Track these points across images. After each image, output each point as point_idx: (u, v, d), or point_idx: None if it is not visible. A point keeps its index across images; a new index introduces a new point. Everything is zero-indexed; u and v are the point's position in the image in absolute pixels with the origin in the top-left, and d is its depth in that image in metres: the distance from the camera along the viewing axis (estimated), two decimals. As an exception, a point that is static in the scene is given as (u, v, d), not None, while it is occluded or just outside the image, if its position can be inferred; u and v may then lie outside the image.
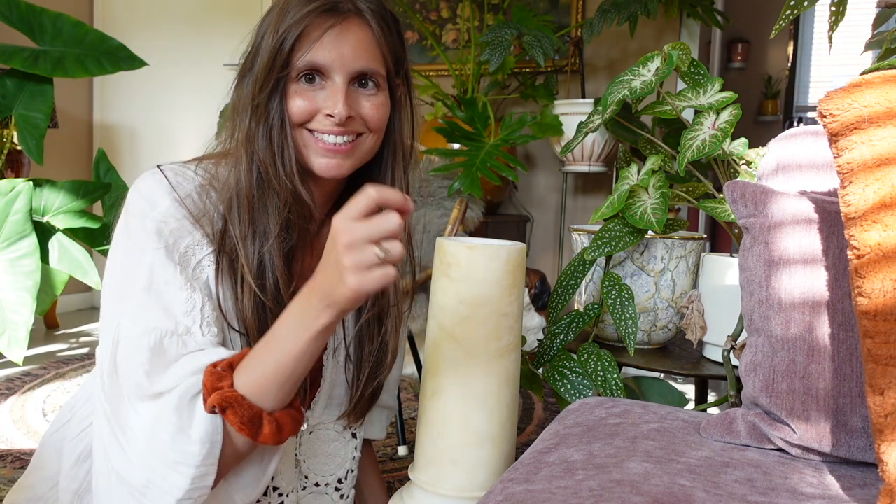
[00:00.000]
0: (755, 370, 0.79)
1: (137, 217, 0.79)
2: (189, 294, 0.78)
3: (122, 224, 0.81)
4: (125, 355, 0.75)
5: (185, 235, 0.80)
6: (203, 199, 0.82)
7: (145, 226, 0.78)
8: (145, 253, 0.77)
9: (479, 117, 2.14)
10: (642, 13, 2.29)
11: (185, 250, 0.79)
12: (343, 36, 0.81)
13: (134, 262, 0.78)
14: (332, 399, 0.96)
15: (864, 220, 0.63)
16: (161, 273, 0.77)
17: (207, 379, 0.73)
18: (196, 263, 0.80)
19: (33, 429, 1.85)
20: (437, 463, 0.93)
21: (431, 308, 0.94)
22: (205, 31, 3.42)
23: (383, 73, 0.85)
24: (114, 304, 0.79)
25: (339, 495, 1.00)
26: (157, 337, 0.75)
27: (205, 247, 0.80)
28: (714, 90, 1.14)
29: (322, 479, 0.98)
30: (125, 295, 0.77)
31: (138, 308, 0.76)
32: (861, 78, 0.69)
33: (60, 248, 2.39)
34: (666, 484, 0.66)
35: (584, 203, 3.02)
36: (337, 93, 0.81)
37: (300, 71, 0.81)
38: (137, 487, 0.73)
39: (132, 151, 3.55)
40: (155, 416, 0.73)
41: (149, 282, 0.77)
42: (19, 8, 2.34)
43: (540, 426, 1.99)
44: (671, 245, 1.25)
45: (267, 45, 0.82)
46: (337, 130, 0.82)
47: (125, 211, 0.81)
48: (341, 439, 0.99)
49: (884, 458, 0.58)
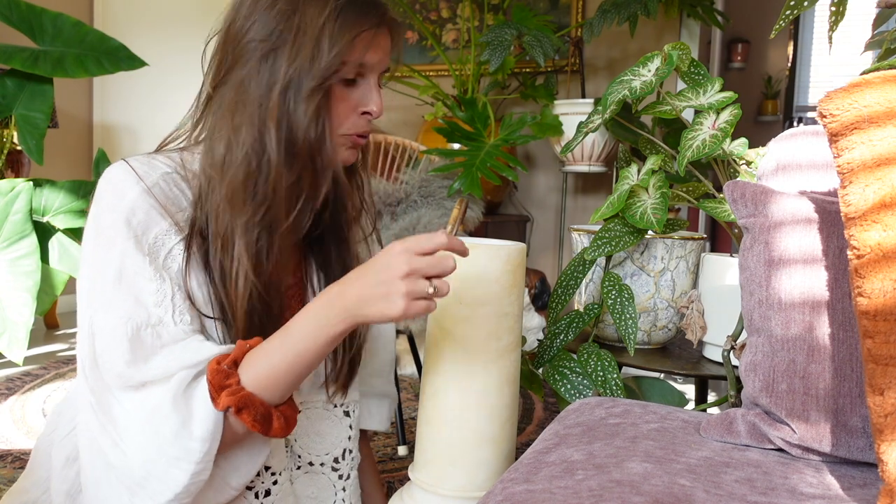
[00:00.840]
0: (755, 370, 0.79)
1: (106, 209, 0.79)
2: (158, 285, 0.78)
3: (91, 217, 0.81)
4: (103, 347, 0.75)
5: (153, 225, 0.79)
6: (170, 187, 0.82)
7: (114, 218, 0.78)
8: (114, 244, 0.78)
9: (479, 117, 2.14)
10: (642, 13, 2.29)
11: (153, 240, 0.79)
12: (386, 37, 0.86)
13: (104, 255, 0.78)
14: (318, 377, 0.96)
15: (864, 220, 0.63)
16: (130, 264, 0.77)
17: (213, 376, 0.74)
18: (166, 253, 0.80)
19: (33, 429, 1.85)
20: (437, 463, 0.93)
21: (431, 308, 0.94)
22: (205, 32, 3.41)
23: None
24: (87, 297, 0.79)
25: (336, 475, 0.99)
26: (133, 327, 0.75)
27: (173, 235, 0.80)
28: (714, 90, 1.14)
29: (316, 459, 0.97)
30: (97, 288, 0.78)
31: (110, 300, 0.77)
32: (861, 78, 0.69)
33: (60, 248, 2.39)
34: (666, 484, 0.66)
35: (584, 203, 3.02)
36: (374, 90, 0.84)
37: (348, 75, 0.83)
38: (135, 480, 0.73)
39: (132, 151, 3.54)
40: (147, 408, 0.73)
41: (118, 273, 0.77)
42: (19, 8, 2.34)
43: (540, 426, 1.99)
44: (671, 245, 1.25)
45: (325, 46, 0.80)
46: (368, 129, 0.86)
47: (94, 203, 0.81)
48: (332, 417, 0.99)
49: (884, 458, 0.58)
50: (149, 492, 0.74)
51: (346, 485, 0.99)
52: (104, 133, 3.58)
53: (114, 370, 0.74)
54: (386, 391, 1.11)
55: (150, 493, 0.74)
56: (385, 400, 1.12)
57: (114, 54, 2.45)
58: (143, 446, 0.73)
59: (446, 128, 2.12)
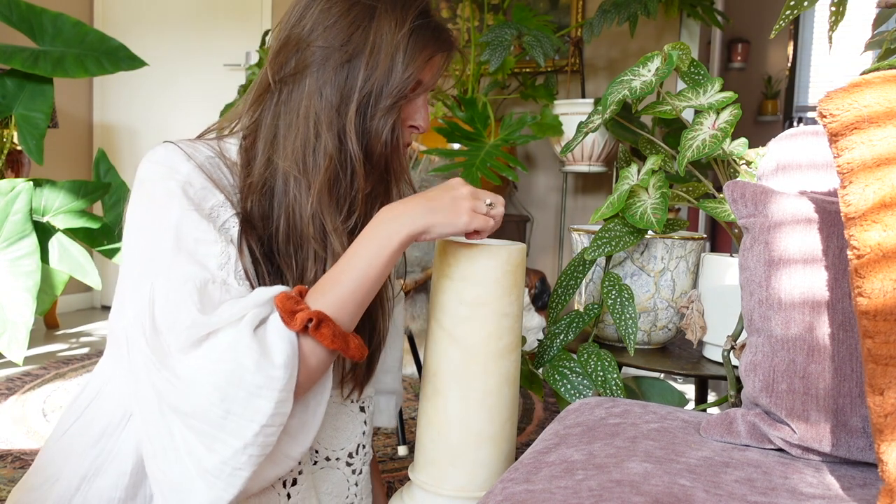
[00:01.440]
0: (755, 370, 0.79)
1: (159, 180, 0.80)
2: (223, 247, 0.79)
3: (139, 193, 0.81)
4: (166, 310, 0.74)
5: (209, 196, 0.81)
6: (215, 169, 0.85)
7: (169, 187, 0.79)
8: (171, 211, 0.78)
9: (479, 117, 2.14)
10: (642, 13, 2.29)
11: (210, 210, 0.81)
12: (446, 61, 0.92)
13: (160, 223, 0.78)
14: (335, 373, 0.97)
15: (864, 220, 0.63)
16: (191, 230, 0.78)
17: (283, 304, 0.74)
18: (223, 223, 0.81)
19: (33, 429, 1.85)
20: (437, 463, 0.93)
21: (431, 308, 0.94)
22: (205, 32, 3.42)
23: None
24: (141, 268, 0.78)
25: (350, 470, 0.99)
26: (200, 283, 0.75)
27: (229, 208, 0.83)
28: (714, 90, 1.14)
29: (332, 454, 0.98)
30: (154, 257, 0.77)
31: (170, 265, 0.76)
32: (861, 78, 0.69)
33: (60, 249, 2.39)
34: (666, 484, 0.66)
35: (584, 203, 3.02)
36: (425, 108, 0.90)
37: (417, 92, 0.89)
38: (213, 421, 0.71)
39: (132, 151, 3.55)
40: (218, 351, 0.72)
41: (177, 238, 0.77)
42: (19, 8, 2.34)
43: (540, 426, 1.99)
44: (671, 245, 1.25)
45: (400, 64, 0.85)
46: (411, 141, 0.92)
47: (141, 181, 0.82)
48: (349, 412, 0.99)
49: (884, 458, 0.58)
50: (230, 430, 0.71)
51: (359, 479, 1.00)
52: (104, 133, 3.58)
53: (182, 324, 0.73)
54: (394, 388, 1.12)
55: (231, 432, 0.71)
56: (392, 396, 1.13)
57: (114, 54, 2.45)
58: (219, 386, 0.70)
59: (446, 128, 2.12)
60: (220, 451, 0.71)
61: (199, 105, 3.41)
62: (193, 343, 0.73)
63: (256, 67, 2.70)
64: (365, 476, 1.02)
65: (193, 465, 0.72)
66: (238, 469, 0.71)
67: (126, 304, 0.79)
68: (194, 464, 0.72)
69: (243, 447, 0.71)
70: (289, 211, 0.85)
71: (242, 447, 0.71)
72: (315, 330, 0.74)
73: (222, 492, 0.71)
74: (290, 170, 0.84)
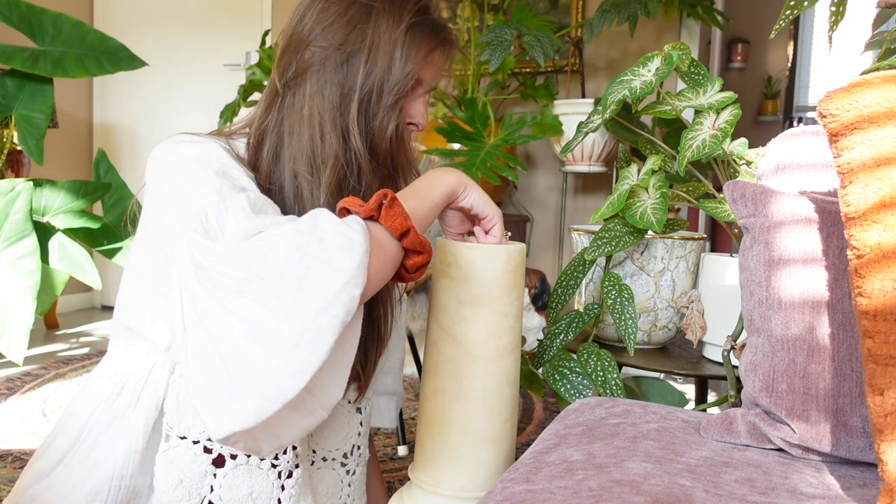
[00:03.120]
0: (755, 370, 0.79)
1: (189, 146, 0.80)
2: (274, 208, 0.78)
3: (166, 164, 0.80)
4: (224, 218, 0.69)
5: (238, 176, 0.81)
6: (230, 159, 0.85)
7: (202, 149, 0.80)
8: (210, 165, 0.78)
9: (479, 117, 2.14)
10: (642, 13, 2.29)
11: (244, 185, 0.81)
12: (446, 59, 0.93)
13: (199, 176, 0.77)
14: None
15: (864, 220, 0.63)
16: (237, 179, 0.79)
17: (350, 200, 0.75)
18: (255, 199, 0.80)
19: (33, 429, 1.85)
20: (437, 463, 0.93)
21: (431, 308, 0.94)
22: (205, 31, 3.42)
23: None
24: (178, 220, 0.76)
25: (345, 471, 0.99)
26: (249, 199, 0.72)
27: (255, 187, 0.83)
28: (714, 90, 1.14)
29: (328, 454, 0.98)
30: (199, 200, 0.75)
31: (218, 190, 0.76)
32: (861, 78, 0.69)
33: (60, 249, 2.39)
34: (666, 484, 0.66)
35: (584, 203, 3.02)
36: (425, 105, 0.91)
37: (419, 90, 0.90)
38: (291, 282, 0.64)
39: (132, 151, 3.55)
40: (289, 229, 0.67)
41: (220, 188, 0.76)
42: (19, 8, 2.34)
43: (540, 426, 1.99)
44: (671, 245, 1.25)
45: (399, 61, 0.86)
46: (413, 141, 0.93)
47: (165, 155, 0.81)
48: (345, 413, 0.99)
49: (884, 458, 0.58)
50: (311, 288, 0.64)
51: (352, 480, 1.00)
52: (104, 133, 3.58)
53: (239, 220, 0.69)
54: (395, 389, 1.12)
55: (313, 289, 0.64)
56: (393, 398, 1.13)
57: (114, 54, 2.45)
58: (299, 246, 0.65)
59: (446, 128, 2.12)
60: (298, 316, 0.63)
61: (199, 105, 3.41)
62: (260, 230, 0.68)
63: (256, 67, 2.70)
64: (359, 477, 1.02)
65: (268, 339, 0.63)
66: (321, 331, 0.63)
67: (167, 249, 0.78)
68: (269, 338, 0.63)
69: (325, 306, 0.64)
70: (301, 211, 0.85)
71: (325, 306, 0.64)
72: (389, 208, 0.74)
73: (304, 362, 0.63)
74: (299, 170, 0.85)
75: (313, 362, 0.63)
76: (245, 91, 2.68)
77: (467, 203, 0.89)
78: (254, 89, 2.67)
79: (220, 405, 0.64)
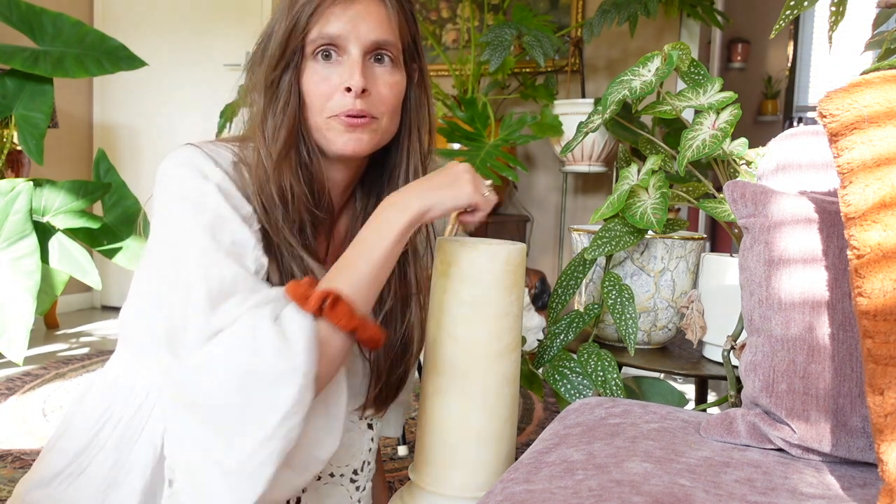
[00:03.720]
0: (755, 370, 0.79)
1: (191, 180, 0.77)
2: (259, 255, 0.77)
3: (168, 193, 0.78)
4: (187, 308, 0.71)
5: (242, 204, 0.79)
6: (239, 175, 0.82)
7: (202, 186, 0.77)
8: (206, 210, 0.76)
9: (479, 117, 2.14)
10: (642, 13, 2.29)
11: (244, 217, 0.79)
12: (358, 8, 0.82)
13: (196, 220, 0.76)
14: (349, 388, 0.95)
15: (864, 220, 0.63)
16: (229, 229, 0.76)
17: (296, 290, 0.73)
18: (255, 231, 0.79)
19: (33, 429, 1.85)
20: (437, 463, 0.93)
21: (431, 308, 0.94)
22: (205, 32, 3.42)
23: (399, 46, 0.86)
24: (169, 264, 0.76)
25: (354, 487, 0.98)
26: (231, 281, 0.73)
27: (255, 222, 0.80)
28: (714, 90, 1.14)
29: (337, 470, 0.97)
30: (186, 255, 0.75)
31: (203, 263, 0.74)
32: (861, 78, 0.69)
33: (61, 249, 2.39)
34: (666, 484, 0.66)
35: (584, 203, 3.02)
36: (354, 64, 0.81)
37: (316, 46, 0.82)
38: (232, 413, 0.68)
39: (132, 151, 3.55)
40: (237, 337, 0.69)
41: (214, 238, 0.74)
42: (19, 8, 2.34)
43: (540, 426, 1.99)
44: (671, 245, 1.25)
45: (280, 27, 0.82)
46: (356, 110, 0.81)
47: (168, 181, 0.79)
48: (357, 429, 0.98)
49: (884, 458, 0.58)
50: (251, 421, 0.68)
51: (362, 496, 0.99)
52: (104, 133, 3.58)
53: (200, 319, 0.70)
54: (403, 398, 1.11)
55: (253, 423, 0.67)
56: (401, 407, 1.12)
57: (114, 54, 2.45)
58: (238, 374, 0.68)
59: (446, 128, 2.12)
60: (241, 447, 0.67)
61: (199, 105, 3.41)
62: (209, 336, 0.70)
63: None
64: (368, 492, 1.01)
65: (215, 466, 0.68)
66: (262, 465, 0.67)
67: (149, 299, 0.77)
68: (215, 465, 0.68)
69: (266, 439, 0.67)
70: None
71: (265, 439, 0.67)
72: (331, 309, 0.73)
73: (248, 492, 0.67)
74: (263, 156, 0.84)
75: (256, 491, 0.68)
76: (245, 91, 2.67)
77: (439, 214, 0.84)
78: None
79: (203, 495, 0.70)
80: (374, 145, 0.86)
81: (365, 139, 0.84)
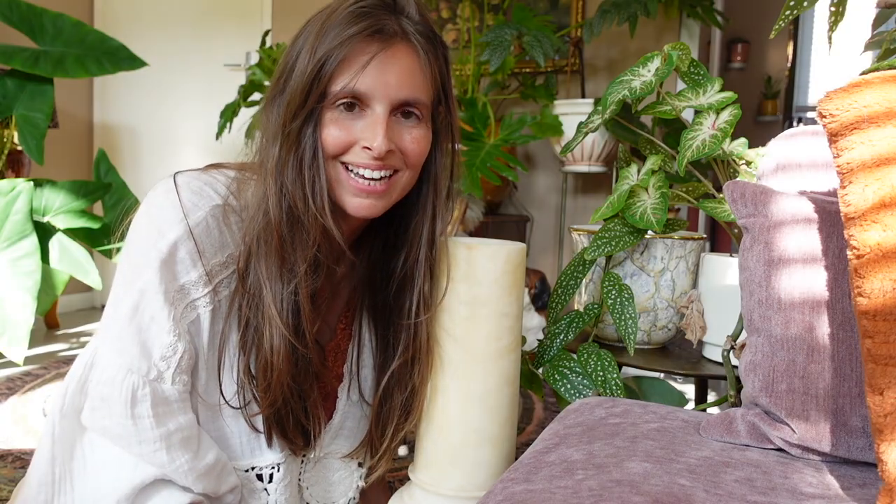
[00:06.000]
0: (755, 370, 0.79)
1: (142, 242, 0.76)
2: (173, 340, 0.75)
3: (129, 236, 0.78)
4: (100, 387, 0.75)
5: (183, 274, 0.76)
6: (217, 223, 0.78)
7: (148, 254, 0.75)
8: (140, 277, 0.75)
9: (479, 117, 2.14)
10: (642, 13, 2.29)
11: (180, 287, 0.76)
12: (388, 62, 0.75)
13: (129, 284, 0.76)
14: (342, 430, 0.96)
15: (863, 220, 0.63)
16: (150, 307, 0.75)
17: None
18: (189, 303, 0.77)
19: (33, 429, 1.85)
20: (437, 463, 0.93)
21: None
22: (205, 32, 3.42)
23: (427, 103, 0.80)
24: (103, 321, 0.78)
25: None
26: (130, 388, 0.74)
27: (201, 287, 0.77)
28: (714, 90, 1.14)
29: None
30: (110, 316, 0.77)
31: (120, 335, 0.75)
32: (861, 78, 0.69)
33: (61, 249, 2.39)
34: (666, 484, 0.66)
35: (584, 203, 3.02)
36: (377, 124, 0.75)
37: (339, 99, 0.75)
38: None
39: (132, 151, 3.55)
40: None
41: (135, 310, 0.75)
42: (20, 8, 2.34)
43: (540, 426, 1.99)
44: (671, 245, 1.25)
45: (302, 68, 0.75)
46: (374, 165, 0.77)
47: (133, 228, 0.78)
48: (346, 468, 0.99)
49: (883, 458, 0.58)
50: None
51: None
52: (104, 133, 3.58)
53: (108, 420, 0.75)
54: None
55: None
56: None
57: (114, 54, 2.45)
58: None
59: (446, 128, 2.11)
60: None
61: (199, 105, 3.41)
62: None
63: (257, 68, 2.70)
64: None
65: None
66: None
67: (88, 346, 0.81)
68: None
69: None
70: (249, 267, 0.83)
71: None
72: None
73: None
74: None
75: None
76: (245, 91, 2.68)
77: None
78: (254, 90, 2.67)
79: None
80: (389, 206, 0.81)
81: (379, 205, 0.80)
